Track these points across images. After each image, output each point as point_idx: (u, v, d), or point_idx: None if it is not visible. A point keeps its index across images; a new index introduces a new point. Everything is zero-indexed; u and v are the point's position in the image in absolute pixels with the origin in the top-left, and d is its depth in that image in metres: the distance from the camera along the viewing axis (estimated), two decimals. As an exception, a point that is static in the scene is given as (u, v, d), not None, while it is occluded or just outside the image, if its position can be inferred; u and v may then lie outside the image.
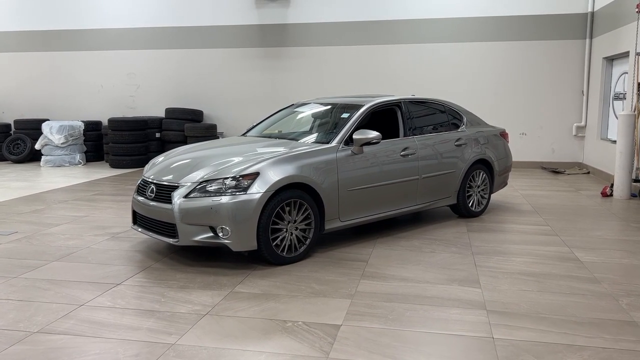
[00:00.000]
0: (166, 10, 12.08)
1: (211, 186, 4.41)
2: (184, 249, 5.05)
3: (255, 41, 11.78)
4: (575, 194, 8.00)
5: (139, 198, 4.87)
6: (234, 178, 4.40)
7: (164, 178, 4.71)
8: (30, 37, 12.82)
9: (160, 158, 5.34)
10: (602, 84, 9.89)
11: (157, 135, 11.74)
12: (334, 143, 5.05)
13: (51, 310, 3.62)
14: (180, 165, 4.83)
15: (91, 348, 3.07)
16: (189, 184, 4.48)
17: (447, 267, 4.53)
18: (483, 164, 6.46)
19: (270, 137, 5.74)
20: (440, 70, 11.09)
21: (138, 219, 4.96)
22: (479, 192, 6.45)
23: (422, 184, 5.70)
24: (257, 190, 4.36)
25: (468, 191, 6.32)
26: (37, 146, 11.45)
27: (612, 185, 7.85)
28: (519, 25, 10.71)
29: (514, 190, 8.29)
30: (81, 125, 11.66)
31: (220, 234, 4.36)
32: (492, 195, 7.57)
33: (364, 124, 5.80)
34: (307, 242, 4.72)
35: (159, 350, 3.04)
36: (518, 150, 10.83)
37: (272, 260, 4.51)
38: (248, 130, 6.22)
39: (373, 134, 5.02)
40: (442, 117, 6.26)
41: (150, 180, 4.83)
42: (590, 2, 10.34)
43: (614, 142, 8.97)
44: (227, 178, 4.41)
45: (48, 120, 12.22)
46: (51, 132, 11.25)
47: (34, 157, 12.11)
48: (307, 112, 6.22)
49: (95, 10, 12.43)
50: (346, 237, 5.52)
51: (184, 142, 11.38)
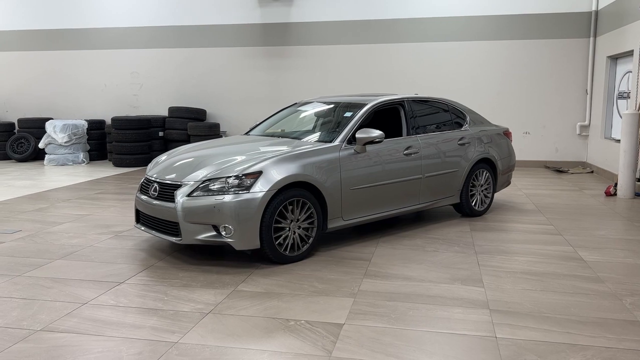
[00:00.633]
0: (169, 9, 12.10)
1: (214, 185, 4.42)
2: (187, 247, 5.06)
3: (258, 40, 11.78)
4: (579, 193, 7.98)
5: (142, 197, 4.88)
6: (236, 177, 4.40)
7: (167, 177, 4.72)
8: (34, 36, 12.85)
9: (163, 157, 5.34)
10: (606, 83, 9.86)
11: (160, 134, 11.76)
12: (336, 142, 5.04)
13: (54, 308, 3.63)
14: (183, 164, 4.84)
15: (94, 346, 3.08)
16: (192, 182, 4.49)
17: (450, 266, 4.52)
18: (486, 163, 6.44)
19: (273, 136, 5.73)
20: (443, 69, 11.07)
21: (141, 218, 4.97)
22: (482, 191, 6.44)
23: (425, 183, 5.69)
24: (260, 189, 4.36)
25: (471, 190, 6.31)
26: (40, 145, 11.48)
27: (616, 185, 7.82)
28: (523, 24, 10.68)
29: (518, 190, 8.27)
30: (84, 124, 11.68)
31: (223, 233, 4.36)
32: (495, 195, 7.55)
33: (366, 123, 5.78)
34: (310, 241, 4.72)
35: (161, 349, 3.05)
36: (521, 150, 10.80)
37: (275, 259, 4.51)
38: (251, 129, 6.22)
39: (376, 132, 5.02)
40: (445, 116, 6.25)
41: (153, 179, 4.84)
42: (594, 0, 10.31)
43: (618, 141, 8.94)
44: (230, 177, 4.41)
45: (52, 119, 12.25)
46: (55, 131, 11.27)
47: (38, 155, 12.15)
48: (310, 111, 6.21)
49: (98, 10, 12.45)
50: (349, 236, 5.52)
51: (187, 141, 11.39)
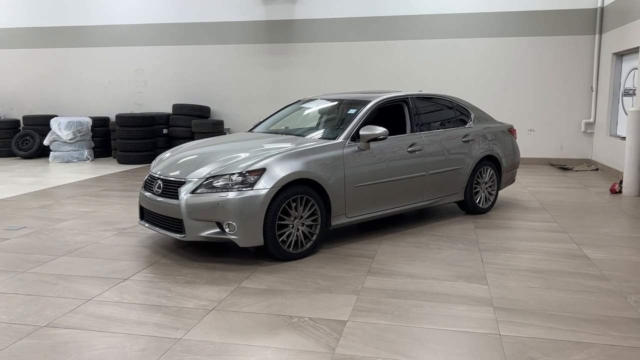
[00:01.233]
0: (174, 6, 12.10)
1: (218, 182, 4.42)
2: (191, 244, 5.07)
3: (263, 37, 11.77)
4: (584, 191, 7.94)
5: (146, 194, 4.88)
6: (240, 174, 4.40)
7: (171, 174, 4.73)
8: (39, 33, 12.88)
9: (168, 154, 5.35)
10: (612, 80, 9.81)
11: (165, 131, 11.78)
12: (340, 139, 5.03)
13: (59, 304, 3.64)
14: (187, 161, 4.84)
15: (98, 342, 3.09)
16: (196, 179, 4.49)
17: (454, 264, 4.52)
18: (491, 161, 6.42)
19: (277, 133, 5.73)
20: (447, 66, 11.03)
21: (145, 215, 4.98)
22: (486, 188, 6.42)
23: (429, 180, 5.68)
24: (264, 186, 4.36)
25: (475, 188, 6.29)
26: (45, 142, 11.51)
27: (621, 182, 7.79)
28: (528, 21, 10.63)
29: (522, 187, 8.25)
30: (89, 121, 11.71)
31: (226, 230, 4.37)
32: (500, 192, 7.53)
33: (370, 120, 5.78)
34: (314, 238, 4.72)
35: (165, 345, 3.06)
36: (526, 147, 10.76)
37: (279, 256, 4.51)
38: (255, 127, 6.22)
39: (380, 130, 5.00)
40: (449, 113, 6.23)
41: (157, 176, 4.85)
42: (600, -3, 10.27)
43: (624, 138, 8.90)
44: (234, 174, 4.41)
45: (56, 116, 12.27)
46: (59, 128, 11.31)
47: (43, 152, 12.19)
48: (313, 108, 6.21)
49: (102, 7, 12.47)
50: (352, 233, 5.52)
51: (191, 138, 11.40)
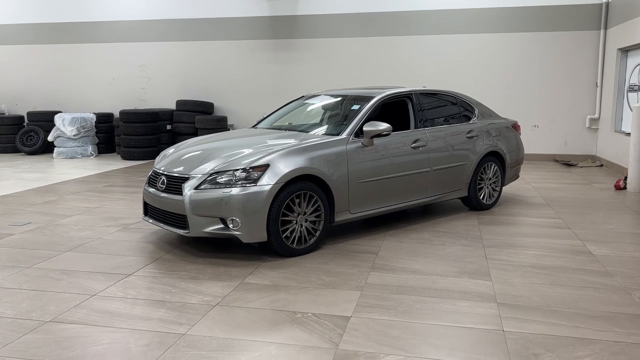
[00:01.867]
0: (177, 2, 12.08)
1: (221, 178, 4.42)
2: (195, 240, 5.08)
3: (266, 33, 11.75)
4: (588, 187, 7.92)
5: (150, 189, 4.89)
6: (244, 170, 4.41)
7: (174, 170, 4.73)
8: (43, 29, 12.89)
9: (171, 150, 5.36)
10: (617, 76, 9.75)
11: (168, 127, 11.79)
12: (344, 135, 5.03)
13: (63, 300, 3.66)
14: (191, 157, 4.85)
15: (103, 337, 3.11)
16: (200, 175, 4.50)
17: (457, 260, 4.51)
18: (494, 157, 6.40)
19: (280, 129, 5.73)
20: (451, 62, 10.99)
21: (149, 211, 4.99)
22: (490, 184, 6.41)
23: (432, 176, 5.67)
24: (267, 182, 4.36)
25: (479, 184, 6.28)
26: (49, 138, 11.54)
27: (625, 178, 7.76)
28: (532, 16, 10.58)
29: (526, 183, 8.22)
30: (93, 117, 11.73)
31: (230, 226, 4.37)
32: (504, 188, 7.51)
33: (374, 116, 5.77)
34: (317, 234, 4.72)
35: (169, 340, 3.07)
36: (530, 143, 10.73)
37: (282, 251, 4.52)
38: (258, 122, 6.22)
39: (383, 125, 4.99)
40: (453, 109, 6.21)
41: (161, 171, 4.85)
42: (605, -8, 10.20)
43: (628, 134, 8.86)
44: (238, 170, 4.42)
45: (60, 112, 12.30)
46: (63, 124, 11.33)
47: (47, 148, 12.22)
48: (317, 104, 6.20)
49: (106, 3, 12.46)
50: (356, 229, 5.52)
51: (194, 134, 11.41)
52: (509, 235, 5.30)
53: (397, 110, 6.19)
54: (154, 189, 4.84)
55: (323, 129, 5.38)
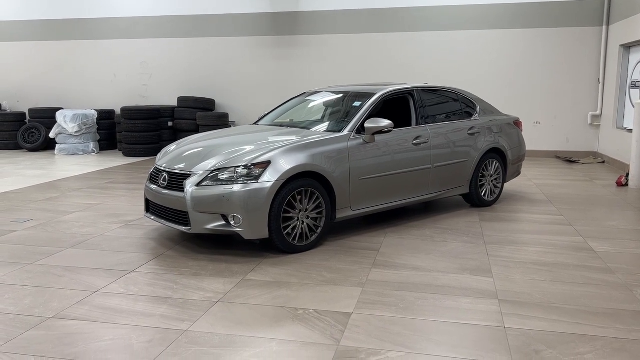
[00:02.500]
0: (178, -2, 12.08)
1: (223, 175, 4.42)
2: (196, 236, 5.09)
3: (267, 29, 11.74)
4: (590, 184, 7.91)
5: (152, 186, 4.90)
6: (245, 167, 4.41)
7: (176, 166, 4.74)
8: (45, 26, 12.89)
9: (173, 147, 5.36)
10: (619, 72, 9.73)
11: (170, 124, 11.79)
12: (345, 132, 5.03)
13: (66, 296, 3.67)
14: (193, 153, 4.85)
15: (105, 334, 3.12)
16: (201, 172, 4.50)
17: (459, 257, 4.51)
18: (496, 153, 6.40)
19: (281, 125, 5.73)
20: (453, 58, 10.97)
21: (151, 207, 5.00)
22: (491, 181, 6.40)
23: (434, 173, 5.67)
24: (269, 179, 4.36)
25: (481, 180, 6.27)
26: (51, 135, 11.55)
27: (627, 175, 7.75)
28: (534, 12, 10.55)
29: (528, 180, 8.22)
30: (94, 114, 11.73)
31: (232, 222, 4.38)
32: (505, 185, 7.50)
33: (376, 113, 5.77)
34: (319, 230, 4.72)
35: (171, 337, 3.08)
36: (532, 139, 10.72)
37: (284, 248, 4.52)
38: (260, 119, 6.22)
39: (385, 122, 4.99)
40: (455, 105, 6.20)
41: (162, 168, 4.86)
42: (608, -12, 10.17)
43: (630, 131, 8.84)
44: (239, 166, 4.42)
45: (62, 109, 12.31)
46: (65, 121, 11.34)
47: (49, 145, 12.23)
48: (318, 100, 6.20)
49: (108, 0, 12.47)
50: (357, 226, 5.52)
51: (196, 131, 11.42)
52: (511, 232, 5.30)
53: (398, 107, 6.18)
54: (155, 186, 4.85)
55: (324, 125, 5.38)
